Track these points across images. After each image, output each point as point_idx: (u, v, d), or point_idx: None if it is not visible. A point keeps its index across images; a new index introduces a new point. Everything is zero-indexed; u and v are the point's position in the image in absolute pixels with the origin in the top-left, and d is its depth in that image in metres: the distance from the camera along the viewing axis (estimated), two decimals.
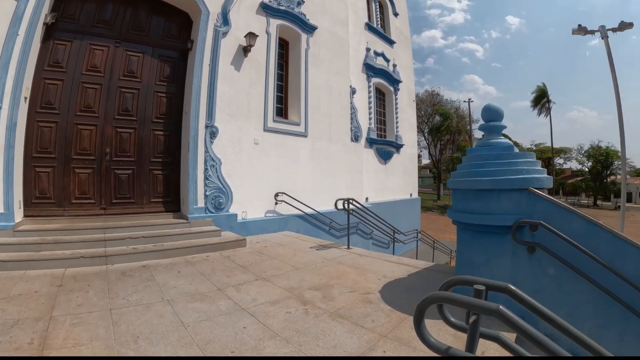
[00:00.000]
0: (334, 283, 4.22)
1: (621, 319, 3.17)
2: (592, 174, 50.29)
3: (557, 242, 3.20)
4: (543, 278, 3.34)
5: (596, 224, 3.16)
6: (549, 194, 3.42)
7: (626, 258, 3.10)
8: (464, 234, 3.72)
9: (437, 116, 41.72)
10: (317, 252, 5.88)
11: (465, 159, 3.93)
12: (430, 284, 4.27)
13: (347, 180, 10.26)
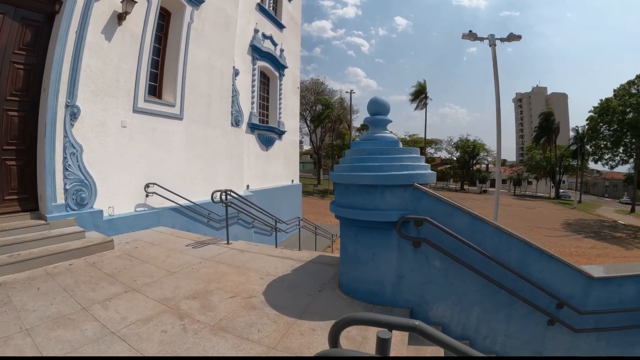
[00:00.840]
0: (213, 288, 3.78)
1: (507, 303, 3.50)
2: (460, 162, 61.02)
3: (443, 236, 3.27)
4: (430, 271, 3.42)
5: (481, 219, 3.32)
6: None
7: (510, 250, 3.37)
8: (348, 229, 3.59)
9: (319, 104, 43.69)
10: (193, 251, 5.29)
11: (349, 152, 3.76)
12: (316, 279, 4.12)
13: (227, 168, 9.64)
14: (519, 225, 28.48)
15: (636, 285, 3.96)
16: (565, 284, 3.58)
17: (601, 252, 22.30)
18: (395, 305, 3.51)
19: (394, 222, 3.25)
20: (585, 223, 33.10)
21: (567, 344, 3.89)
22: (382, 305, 3.52)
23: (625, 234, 28.92)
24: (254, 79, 12.24)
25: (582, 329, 3.80)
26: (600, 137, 34.18)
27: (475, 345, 3.65)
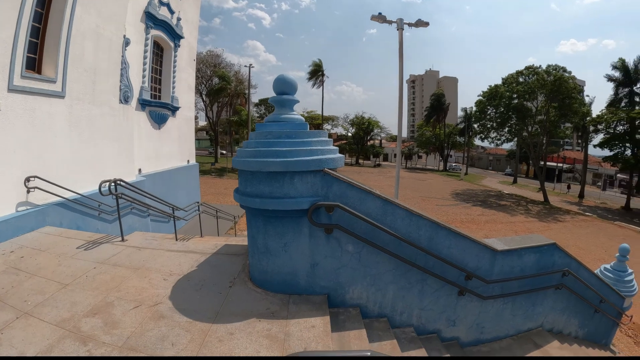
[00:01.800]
0: (113, 299, 3.41)
1: (419, 279, 3.73)
2: (355, 138, 65.89)
3: (355, 221, 3.30)
4: (344, 256, 3.45)
5: (392, 202, 3.38)
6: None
7: (420, 229, 3.53)
8: (256, 220, 3.44)
9: (216, 78, 42.43)
10: (86, 254, 4.74)
11: (254, 135, 3.53)
12: (224, 273, 3.95)
13: (116, 151, 8.74)
14: (412, 196, 31.20)
15: (534, 254, 4.38)
16: (472, 257, 3.82)
17: (489, 218, 25.23)
18: (312, 292, 3.52)
19: (305, 210, 3.18)
20: (473, 193, 37.65)
21: (477, 310, 4.21)
22: (298, 294, 3.52)
23: (509, 202, 33.59)
24: (146, 49, 11.22)
25: (490, 296, 4.13)
26: (487, 118, 38.95)
27: (392, 321, 3.85)
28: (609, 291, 6.51)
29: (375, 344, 3.42)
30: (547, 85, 33.29)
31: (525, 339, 4.96)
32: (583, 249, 20.06)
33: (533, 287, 4.57)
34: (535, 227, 24.22)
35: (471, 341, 4.46)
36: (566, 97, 33.20)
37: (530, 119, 36.43)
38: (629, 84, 35.55)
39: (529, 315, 4.93)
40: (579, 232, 24.50)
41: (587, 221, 28.86)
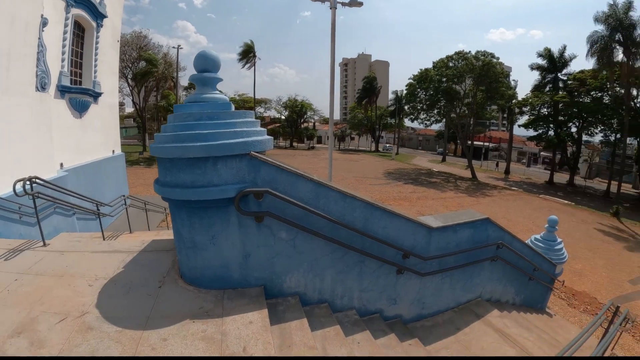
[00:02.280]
0: (38, 313, 3.08)
1: (357, 261, 3.76)
2: (288, 121, 67.23)
3: (287, 206, 3.21)
4: (277, 243, 3.37)
5: (325, 185, 3.33)
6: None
7: (354, 211, 3.53)
8: (180, 212, 3.23)
9: (142, 61, 40.69)
10: (6, 265, 4.27)
11: (172, 117, 3.28)
12: (153, 272, 3.73)
13: (33, 145, 8.00)
14: (347, 177, 32.46)
15: (469, 229, 4.54)
16: (408, 236, 3.90)
17: (421, 195, 26.95)
18: (246, 285, 3.41)
19: (231, 198, 3.02)
20: (404, 171, 40.18)
21: (416, 286, 4.32)
22: (233, 288, 3.39)
23: (439, 179, 36.37)
24: (66, 30, 10.23)
25: (428, 272, 4.26)
26: (417, 100, 41.75)
27: (334, 306, 3.86)
28: (541, 260, 6.94)
29: (318, 331, 3.40)
30: (476, 69, 36.20)
31: (466, 310, 5.20)
32: (512, 220, 21.78)
33: (469, 260, 4.76)
34: (465, 202, 26.14)
35: (414, 317, 4.60)
36: (493, 81, 36.49)
37: (459, 101, 39.68)
38: (554, 70, 39.53)
39: (467, 288, 5.15)
40: (506, 205, 26.75)
41: (514, 195, 31.99)
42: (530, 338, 5.15)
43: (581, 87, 36.53)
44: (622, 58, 28.98)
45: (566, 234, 20.19)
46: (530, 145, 56.93)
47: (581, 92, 36.97)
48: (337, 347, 3.25)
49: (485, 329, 4.91)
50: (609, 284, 15.31)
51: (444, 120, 45.86)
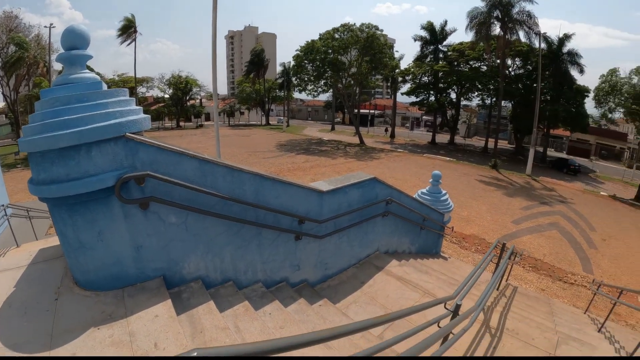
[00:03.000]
0: None
1: (254, 234, 3.94)
2: (173, 99, 65.09)
3: (173, 188, 3.21)
4: (168, 229, 3.35)
5: (210, 161, 3.39)
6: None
7: (244, 184, 3.68)
8: (60, 211, 3.03)
9: (12, 45, 35.92)
10: None
11: (38, 105, 3.03)
12: (46, 285, 3.49)
13: None
14: (239, 152, 33.66)
15: (358, 189, 5.03)
16: (301, 202, 4.20)
17: (314, 164, 29.33)
18: (145, 279, 3.34)
19: (111, 187, 2.92)
20: (296, 142, 43.20)
21: (316, 249, 4.70)
22: (132, 285, 3.28)
23: (329, 147, 40.12)
24: None
25: (325, 234, 4.62)
26: (304, 72, 43.98)
27: (239, 283, 4.02)
28: (429, 210, 7.83)
29: (228, 311, 3.51)
30: (361, 41, 39.53)
31: (367, 264, 5.77)
32: (400, 179, 24.44)
33: (363, 218, 5.27)
34: (355, 166, 29.04)
35: (319, 279, 4.99)
36: (377, 52, 40.29)
37: (345, 72, 42.93)
38: (435, 42, 45.64)
39: (365, 244, 5.70)
40: (394, 165, 30.15)
41: (400, 156, 36.70)
42: (430, 280, 5.89)
43: (460, 58, 42.72)
44: (499, 32, 34.46)
45: (451, 187, 23.33)
46: (413, 110, 64.74)
47: (460, 62, 43.09)
48: (249, 322, 3.39)
49: (387, 278, 5.50)
50: (495, 225, 17.90)
51: (331, 91, 49.43)
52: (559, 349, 4.67)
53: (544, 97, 39.17)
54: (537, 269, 13.43)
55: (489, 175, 30.63)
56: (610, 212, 24.63)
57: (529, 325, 5.25)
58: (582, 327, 6.95)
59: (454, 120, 50.37)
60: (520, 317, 5.76)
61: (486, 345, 4.41)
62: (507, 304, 6.70)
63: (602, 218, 22.48)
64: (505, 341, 4.58)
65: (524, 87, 41.46)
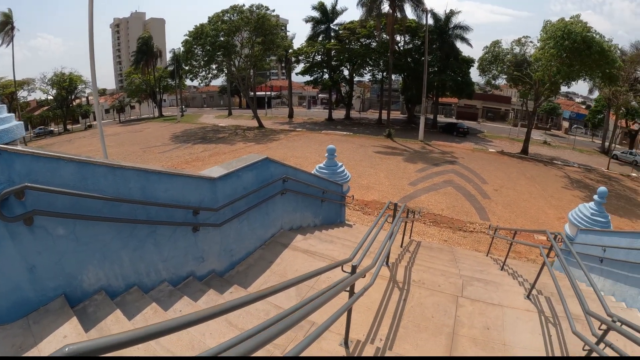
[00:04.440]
0: None
1: (149, 233, 4.11)
2: (57, 101, 60.99)
3: (55, 197, 3.21)
4: (58, 243, 3.35)
5: (89, 162, 3.42)
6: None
7: (129, 182, 3.79)
8: None
9: None
10: None
11: None
12: None
13: None
14: (133, 150, 33.23)
15: (251, 171, 5.51)
16: (192, 192, 4.52)
17: (213, 152, 30.23)
18: (47, 300, 3.32)
19: None
20: (192, 132, 44.17)
21: (218, 238, 5.08)
22: (35, 310, 3.25)
23: (227, 133, 41.76)
24: None
25: (224, 221, 5.00)
26: (195, 57, 44.51)
27: (144, 286, 4.18)
28: (327, 183, 8.59)
29: (137, 316, 3.64)
30: (251, 22, 41.74)
31: (273, 243, 6.31)
32: (300, 157, 26.24)
33: (261, 199, 5.75)
34: (256, 149, 30.87)
35: (227, 267, 5.39)
36: (269, 33, 43.10)
37: (237, 55, 44.75)
38: (327, 22, 50.57)
39: (267, 224, 6.21)
40: (294, 144, 32.36)
41: (299, 135, 39.76)
42: (335, 248, 6.58)
43: (351, 36, 47.83)
44: (388, 9, 39.58)
45: (350, 158, 25.75)
46: (309, 89, 70.58)
47: (351, 40, 48.37)
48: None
49: (294, 254, 6.09)
50: (394, 189, 20.02)
51: (224, 75, 51.84)
52: (465, 290, 5.65)
53: (432, 69, 46.78)
54: (437, 223, 15.58)
55: (385, 144, 34.99)
56: (499, 165, 29.74)
57: (434, 274, 6.21)
58: (486, 268, 8.28)
59: (349, 96, 56.69)
60: (425, 267, 6.75)
61: (396, 298, 5.20)
62: (411, 258, 7.73)
63: (493, 171, 26.98)
64: (413, 291, 5.42)
65: (413, 60, 48.82)
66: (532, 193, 23.00)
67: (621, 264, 7.02)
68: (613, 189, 26.25)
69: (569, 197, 23.01)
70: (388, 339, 4.30)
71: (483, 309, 5.17)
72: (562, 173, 30.57)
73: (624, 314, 5.94)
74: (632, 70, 40.09)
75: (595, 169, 33.91)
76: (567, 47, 27.01)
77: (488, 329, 4.77)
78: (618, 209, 21.74)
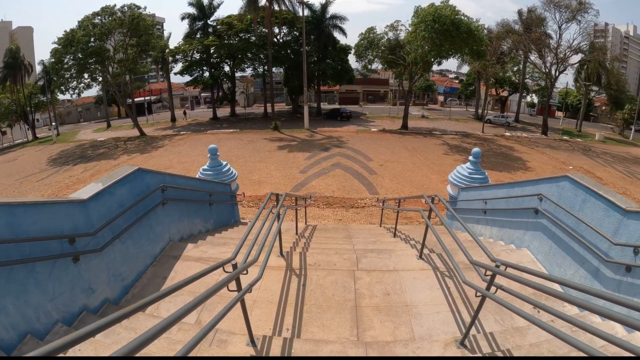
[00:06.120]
0: None
1: (27, 272, 3.97)
2: None
3: None
4: None
5: None
6: None
7: None
8: None
9: None
10: None
11: None
12: None
13: None
14: (8, 183, 31.56)
15: (124, 186, 5.74)
16: (64, 219, 4.55)
17: (94, 171, 29.32)
18: None
19: None
20: (70, 152, 41.84)
21: (103, 263, 5.22)
22: None
23: (107, 148, 40.23)
24: None
25: (105, 244, 5.12)
26: (66, 67, 42.11)
27: (37, 333, 4.04)
28: (213, 185, 8.85)
29: None
30: (125, 24, 41.56)
31: (164, 258, 6.50)
32: (187, 162, 26.84)
33: (140, 213, 5.89)
34: (140, 160, 30.35)
35: (120, 292, 5.46)
36: (144, 34, 43.57)
37: (111, 60, 44.05)
38: (204, 18, 52.15)
39: (153, 239, 6.36)
40: (179, 149, 33.41)
41: (184, 138, 40.24)
42: (229, 250, 6.88)
43: (230, 30, 50.13)
44: (265, 2, 42.36)
45: (239, 155, 26.83)
46: (190, 90, 69.17)
47: (230, 34, 50.78)
48: None
49: (187, 264, 6.32)
50: (285, 180, 21.39)
51: (99, 84, 50.73)
52: (360, 263, 6.33)
53: (312, 59, 51.71)
54: (330, 205, 17.25)
55: (273, 137, 37.51)
56: (382, 142, 34.53)
57: (329, 254, 6.84)
58: (379, 239, 9.16)
59: (232, 93, 58.87)
60: (320, 249, 7.36)
61: (295, 286, 5.70)
62: (306, 243, 8.33)
63: (377, 149, 31.09)
64: (311, 275, 5.97)
65: (292, 52, 53.08)
66: (416, 163, 26.81)
67: (503, 212, 8.37)
68: (490, 148, 32.86)
69: (450, 161, 26.95)
70: (294, 327, 4.77)
71: (380, 277, 5.92)
72: (442, 141, 36.55)
73: (515, 254, 7.26)
74: (498, 46, 49.40)
75: (472, 134, 42.34)
76: (437, 29, 32.31)
77: (388, 294, 5.51)
78: (497, 165, 27.11)
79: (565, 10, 43.88)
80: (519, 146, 37.34)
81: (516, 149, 35.45)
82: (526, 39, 45.24)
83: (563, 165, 29.72)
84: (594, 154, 37.53)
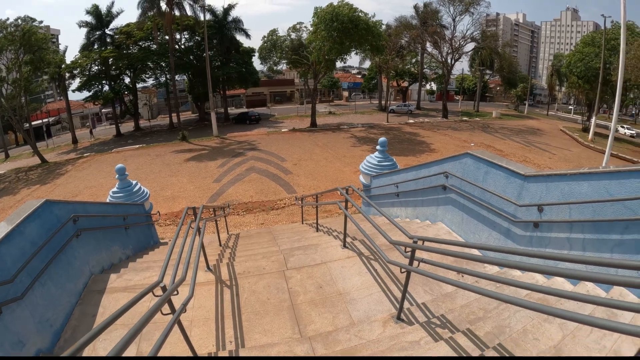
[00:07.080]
0: None
1: None
2: None
3: None
4: None
5: None
6: None
7: None
8: None
9: None
10: None
11: None
12: None
13: None
14: None
15: (33, 222, 5.47)
16: None
17: None
18: None
19: None
20: None
21: (26, 312, 4.94)
22: None
23: (7, 182, 35.10)
24: None
25: (25, 290, 4.87)
26: None
27: None
28: (126, 207, 8.68)
29: None
30: (17, 40, 37.60)
31: (89, 294, 6.30)
32: (95, 186, 25.70)
33: (55, 250, 5.65)
34: (42, 192, 28.25)
35: (52, 340, 5.13)
36: (38, 49, 39.58)
37: (3, 81, 39.67)
38: (101, 27, 49.84)
39: (73, 276, 6.16)
40: (84, 174, 31.45)
41: (88, 160, 37.60)
42: (154, 274, 6.81)
43: (128, 40, 49.01)
44: (165, 8, 41.68)
45: (148, 172, 26.25)
46: (91, 106, 65.77)
47: (129, 44, 49.56)
48: None
49: (114, 296, 6.16)
50: (199, 191, 21.33)
51: None
52: (288, 262, 6.62)
53: (216, 63, 52.27)
54: (250, 210, 17.60)
55: (182, 148, 36.72)
56: (294, 142, 35.72)
57: (256, 259, 7.05)
58: (303, 235, 9.50)
59: (134, 105, 56.53)
60: (246, 256, 7.53)
61: (229, 297, 5.82)
62: (232, 252, 8.46)
63: (289, 149, 32.20)
64: (242, 283, 6.14)
65: (195, 58, 53.00)
66: (328, 158, 28.39)
67: (414, 192, 9.11)
68: (396, 136, 35.68)
69: (359, 152, 29.19)
70: (237, 338, 4.92)
71: (310, 272, 6.28)
72: (350, 135, 39.21)
73: (432, 229, 8.02)
74: (397, 41, 54.07)
75: (378, 125, 45.93)
76: (336, 27, 34.16)
77: (321, 287, 5.87)
78: (403, 150, 29.73)
79: (459, 3, 50.46)
80: (422, 131, 41.03)
81: (420, 134, 38.88)
82: (423, 33, 50.52)
83: (465, 144, 33.18)
84: (493, 130, 42.44)
